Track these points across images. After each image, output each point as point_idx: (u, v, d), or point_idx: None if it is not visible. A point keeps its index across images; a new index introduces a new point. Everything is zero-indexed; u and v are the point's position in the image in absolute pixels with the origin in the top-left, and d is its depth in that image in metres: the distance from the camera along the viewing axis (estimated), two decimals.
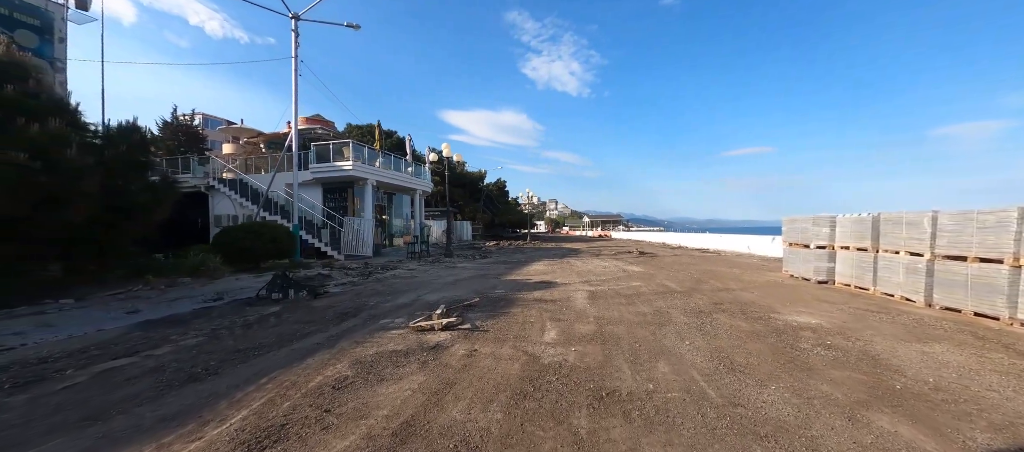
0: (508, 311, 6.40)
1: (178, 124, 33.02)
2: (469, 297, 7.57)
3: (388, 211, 21.18)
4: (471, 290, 8.51)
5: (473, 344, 4.63)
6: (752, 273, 11.32)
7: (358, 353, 4.33)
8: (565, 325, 5.49)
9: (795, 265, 10.24)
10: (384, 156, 18.62)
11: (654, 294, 7.91)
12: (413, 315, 6.10)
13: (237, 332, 5.39)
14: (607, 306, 6.74)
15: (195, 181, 17.23)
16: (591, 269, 12.58)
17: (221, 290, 8.67)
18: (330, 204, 17.17)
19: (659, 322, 5.61)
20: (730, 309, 6.45)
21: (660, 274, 11.19)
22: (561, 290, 8.45)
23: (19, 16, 18.90)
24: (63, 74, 20.41)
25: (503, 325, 5.51)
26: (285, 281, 7.60)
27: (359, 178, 16.07)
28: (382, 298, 7.73)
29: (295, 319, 6.10)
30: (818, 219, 9.47)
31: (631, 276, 10.79)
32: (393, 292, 8.41)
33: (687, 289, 8.51)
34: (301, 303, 7.29)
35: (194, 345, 4.79)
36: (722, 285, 9.07)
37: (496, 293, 8.09)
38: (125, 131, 8.03)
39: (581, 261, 15.56)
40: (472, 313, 6.27)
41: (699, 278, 10.25)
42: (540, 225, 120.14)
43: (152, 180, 8.25)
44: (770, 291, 8.27)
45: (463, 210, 44.17)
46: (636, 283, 9.45)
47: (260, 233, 11.00)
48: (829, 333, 5.07)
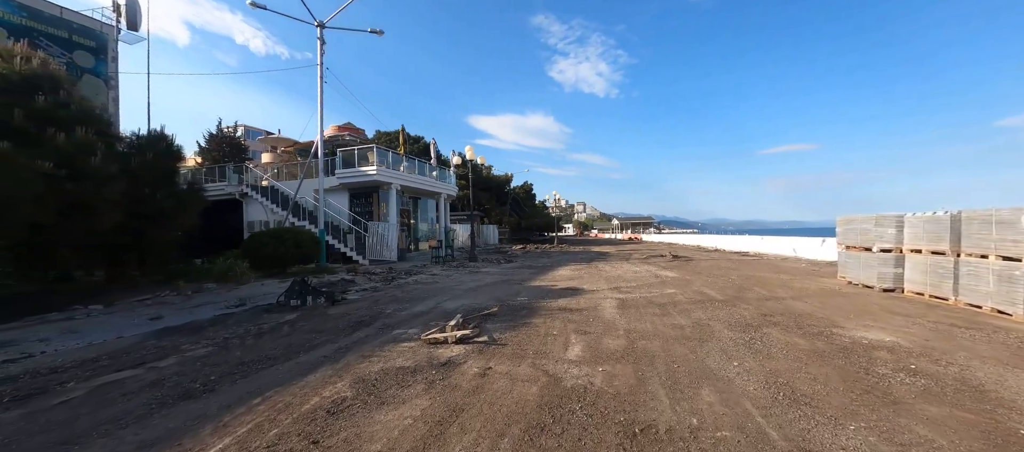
0: (529, 321, 5.92)
1: (222, 136, 34.85)
2: (489, 305, 7.14)
3: (414, 215, 21.20)
4: (492, 297, 8.08)
5: (488, 361, 4.18)
6: (802, 279, 10.27)
7: (363, 369, 3.98)
8: (591, 339, 4.94)
9: (854, 270, 9.16)
10: (408, 160, 18.65)
11: (691, 303, 7.19)
12: (428, 325, 5.73)
13: (248, 342, 5.20)
14: (639, 317, 6.12)
15: (231, 189, 17.89)
16: (621, 274, 11.87)
17: (244, 296, 8.69)
18: (356, 209, 17.31)
19: (700, 337, 4.95)
20: (782, 322, 5.67)
21: (697, 280, 10.35)
22: (588, 298, 7.87)
23: (77, 38, 20.41)
24: (116, 90, 21.87)
25: (523, 338, 5.03)
26: (303, 288, 7.46)
27: (383, 183, 16.09)
28: (400, 305, 7.44)
29: (309, 328, 5.87)
30: (882, 218, 8.39)
31: (664, 282, 10.02)
32: (412, 299, 8.12)
33: (729, 297, 7.71)
34: (318, 310, 7.11)
35: (201, 356, 4.61)
36: (769, 293, 8.19)
37: (518, 301, 7.61)
38: (152, 140, 8.25)
39: (610, 266, 14.82)
40: (490, 323, 5.83)
41: (741, 285, 9.36)
42: (568, 228, 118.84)
43: (177, 187, 8.39)
44: (827, 300, 7.34)
45: (489, 214, 44.04)
46: (670, 290, 8.71)
47: (284, 239, 11.08)
48: (911, 354, 4.25)
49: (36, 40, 18.99)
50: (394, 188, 16.48)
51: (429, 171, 20.04)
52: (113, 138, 7.15)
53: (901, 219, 8.11)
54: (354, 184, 16.43)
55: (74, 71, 20.06)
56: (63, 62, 19.85)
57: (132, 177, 7.02)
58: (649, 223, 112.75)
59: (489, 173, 50.47)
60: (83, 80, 20.34)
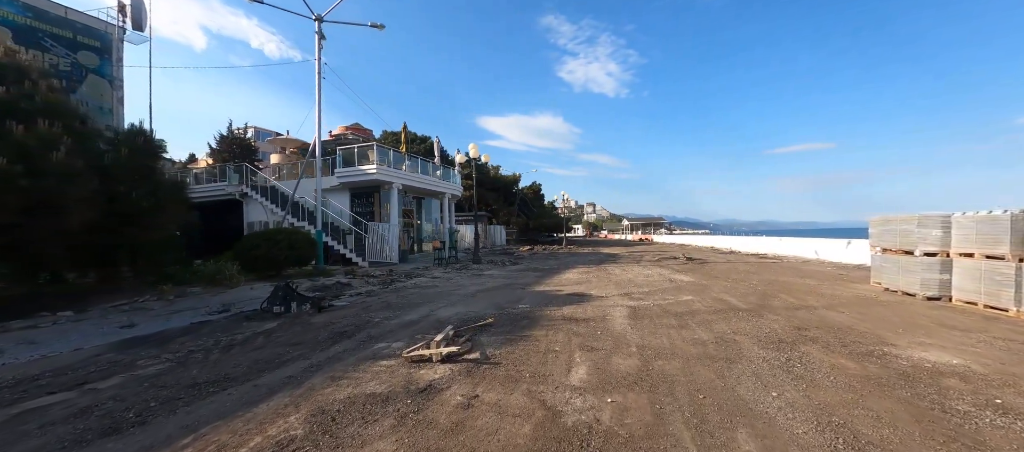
0: (529, 334, 5.26)
1: (233, 137, 34.99)
2: (486, 313, 6.50)
3: (418, 216, 20.69)
4: (491, 304, 7.44)
5: (475, 386, 3.54)
6: (831, 285, 9.41)
7: (326, 397, 3.37)
8: (599, 358, 4.26)
9: (891, 276, 8.30)
10: (411, 159, 18.13)
11: (712, 313, 6.45)
12: (415, 338, 5.11)
13: (212, 357, 4.65)
14: (653, 329, 5.42)
15: (231, 189, 17.60)
16: (632, 278, 11.13)
17: (230, 301, 8.19)
18: (357, 209, 16.85)
19: (727, 357, 4.23)
20: (821, 338, 4.92)
21: (715, 285, 9.57)
22: (596, 305, 7.17)
23: (82, 38, 20.33)
24: (121, 91, 21.76)
25: (520, 355, 4.38)
26: (287, 294, 6.92)
27: (384, 182, 15.59)
28: (391, 313, 6.85)
29: (285, 339, 5.31)
30: (926, 219, 7.53)
31: (680, 287, 9.27)
32: (405, 305, 7.52)
33: (753, 306, 6.94)
34: (302, 318, 6.55)
35: (152, 375, 4.06)
36: (798, 300, 7.39)
37: (519, 308, 6.96)
38: (128, 135, 7.80)
39: (620, 268, 14.07)
40: (485, 336, 5.19)
41: (765, 291, 8.56)
42: (577, 229, 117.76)
43: (156, 185, 7.93)
44: (866, 310, 6.53)
45: (497, 214, 43.44)
46: (687, 297, 7.97)
47: (277, 240, 10.61)
48: (989, 383, 3.49)
49: (41, 40, 18.99)
50: (395, 187, 15.97)
51: (433, 170, 19.50)
52: (86, 133, 6.70)
53: (948, 219, 7.25)
54: (354, 184, 15.95)
55: (79, 71, 20.04)
56: (68, 62, 19.88)
57: (105, 174, 6.58)
58: (660, 224, 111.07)
59: (496, 173, 49.88)
60: (88, 80, 20.34)
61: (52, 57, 19.17)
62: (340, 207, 16.12)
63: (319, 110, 12.99)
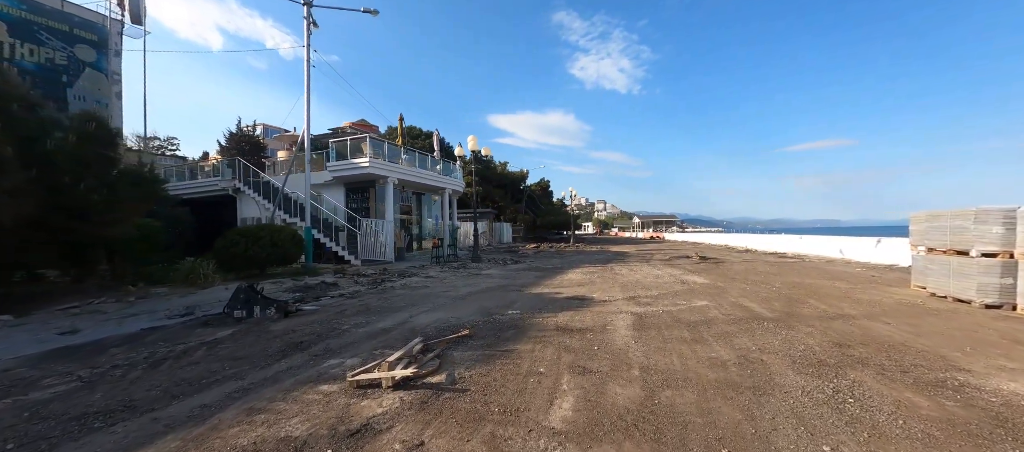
0: (512, 348, 4.42)
1: (242, 134, 34.87)
2: (469, 321, 5.69)
3: (417, 212, 20.00)
4: (479, 309, 6.62)
5: (424, 426, 2.72)
6: (866, 288, 8.36)
7: (225, 442, 2.58)
8: (592, 384, 3.41)
9: (938, 279, 7.24)
10: (407, 153, 17.39)
11: (732, 322, 5.52)
12: (374, 354, 4.33)
13: (132, 375, 3.92)
14: (662, 344, 4.53)
15: (224, 184, 17.12)
16: (639, 279, 10.20)
17: (195, 303, 7.53)
18: (352, 205, 16.21)
19: (755, 385, 3.34)
20: (872, 359, 3.97)
21: (732, 288, 8.60)
22: (596, 312, 6.30)
23: (78, 32, 20.06)
24: (119, 85, 21.50)
25: (493, 379, 3.55)
26: (250, 296, 6.20)
27: (379, 176, 14.88)
28: (364, 318, 6.08)
29: (228, 352, 4.57)
30: (984, 213, 6.46)
31: (693, 291, 8.32)
32: (385, 310, 6.75)
33: (780, 314, 5.99)
34: (263, 324, 5.83)
35: (43, 400, 3.34)
36: (831, 308, 6.40)
37: (508, 315, 6.12)
38: (78, 121, 7.16)
39: (628, 268, 13.13)
40: (460, 350, 4.37)
41: (791, 295, 7.57)
42: (588, 226, 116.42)
43: (111, 177, 7.29)
44: (917, 322, 5.52)
45: (503, 211, 42.65)
46: (701, 302, 7.03)
47: (259, 237, 9.96)
48: None
49: (37, 34, 18.76)
50: (390, 182, 15.25)
51: (432, 165, 18.74)
52: (19, 118, 6.01)
53: (1012, 214, 6.18)
54: (347, 178, 15.28)
55: (76, 65, 19.82)
56: (65, 56, 19.63)
57: (46, 164, 5.96)
58: (672, 222, 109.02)
59: (503, 169, 49.06)
60: (85, 74, 20.10)
61: (48, 51, 18.95)
62: (334, 203, 15.48)
63: (308, 100, 12.31)
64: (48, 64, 18.41)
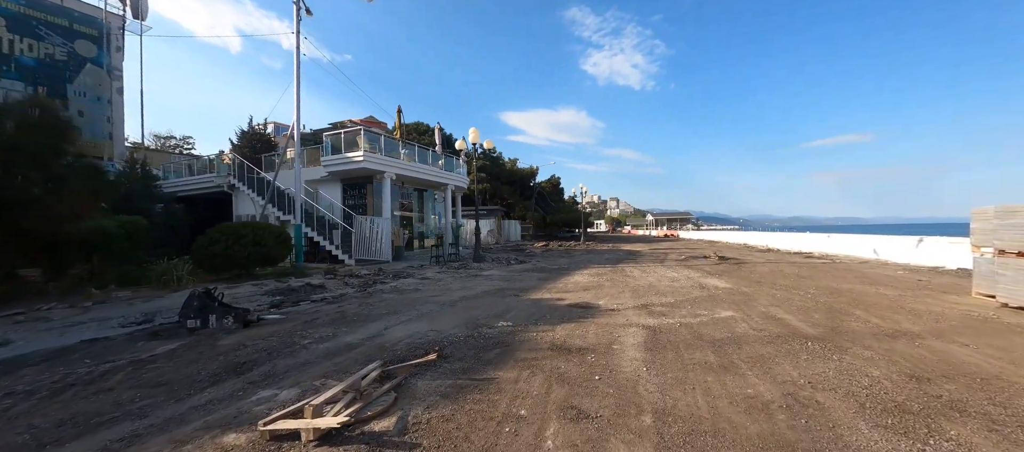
0: (491, 377, 3.54)
1: (254, 133, 34.80)
2: (451, 334, 4.83)
3: (419, 209, 19.25)
4: (466, 319, 5.76)
5: None
6: (919, 296, 7.22)
7: None
8: (586, 439, 2.50)
9: (1012, 287, 6.08)
10: (407, 147, 16.60)
11: (766, 341, 4.53)
12: (322, 381, 3.50)
13: (26, 404, 3.20)
14: (681, 373, 3.59)
15: (219, 181, 16.64)
16: (653, 283, 9.20)
17: (159, 308, 6.85)
18: (349, 202, 15.54)
19: (817, 448, 2.38)
20: (966, 401, 2.97)
21: (760, 294, 7.55)
22: (602, 325, 5.37)
23: (78, 27, 19.80)
24: (120, 81, 21.22)
25: (457, 427, 2.67)
26: (204, 304, 5.45)
27: (375, 171, 14.14)
28: (331, 330, 5.28)
29: (153, 377, 3.80)
30: None
31: (715, 297, 7.30)
32: (360, 320, 5.95)
33: (824, 330, 4.97)
34: (217, 336, 5.08)
35: None
36: (886, 322, 5.34)
37: (497, 328, 5.24)
38: (15, 108, 6.51)
39: (640, 269, 12.11)
40: (425, 379, 3.51)
41: (831, 305, 6.51)
42: (600, 224, 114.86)
43: (55, 170, 6.64)
44: (1002, 343, 4.44)
45: (512, 209, 41.78)
46: (726, 312, 6.03)
47: (241, 235, 9.29)
48: None
49: (36, 29, 18.53)
50: (388, 178, 14.49)
51: (433, 160, 17.94)
52: None
53: None
54: (343, 173, 14.59)
55: (77, 61, 19.62)
56: (64, 51, 19.42)
57: None
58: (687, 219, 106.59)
59: (513, 166, 48.16)
60: (86, 70, 19.86)
61: (47, 46, 18.75)
62: (331, 200, 14.83)
63: (297, 91, 11.62)
64: (48, 60, 18.19)
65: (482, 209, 35.07)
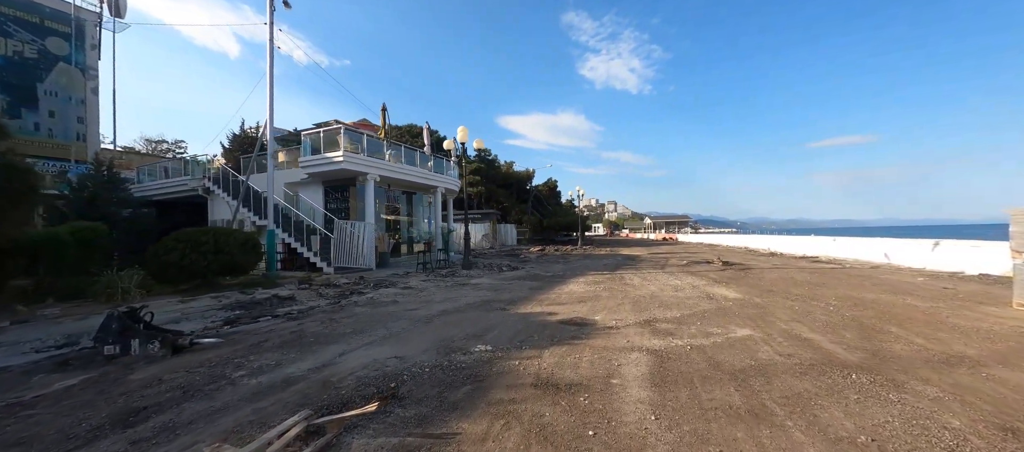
0: (451, 433, 2.70)
1: (245, 136, 33.87)
2: (416, 364, 3.99)
3: (408, 213, 18.39)
4: (438, 342, 4.91)
5: None
6: (953, 307, 6.42)
7: None
8: None
9: None
10: (392, 147, 15.73)
11: (798, 369, 3.71)
12: (231, 438, 2.64)
13: None
14: (700, 422, 2.76)
15: (193, 183, 15.72)
16: (655, 293, 8.38)
17: (90, 329, 5.94)
18: (331, 206, 14.68)
19: None
20: None
21: (776, 306, 6.74)
22: (599, 348, 4.54)
23: (50, 24, 18.89)
24: (95, 81, 20.34)
25: None
26: (124, 326, 4.58)
27: (357, 173, 13.26)
28: (277, 358, 4.43)
29: (17, 431, 2.95)
30: None
31: (726, 311, 6.48)
32: (317, 342, 5.09)
33: (864, 354, 4.15)
34: (136, 365, 4.21)
35: None
36: (932, 343, 4.53)
37: (472, 354, 4.40)
38: None
39: (640, 277, 11.29)
40: (367, 435, 2.66)
41: (860, 320, 5.70)
42: (598, 228, 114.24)
43: None
44: None
45: (509, 212, 40.97)
46: (742, 330, 5.21)
47: (200, 242, 8.42)
48: None
49: (3, 25, 17.67)
50: (371, 179, 13.62)
51: (422, 161, 17.08)
52: None
53: None
54: (323, 174, 13.72)
55: (47, 59, 18.73)
56: (34, 48, 18.53)
57: None
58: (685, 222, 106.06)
59: (509, 169, 47.44)
60: (57, 69, 18.98)
61: (16, 43, 17.87)
62: (312, 204, 13.96)
63: (271, 85, 10.79)
64: (16, 57, 17.25)
65: (477, 213, 34.25)
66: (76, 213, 12.44)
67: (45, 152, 17.20)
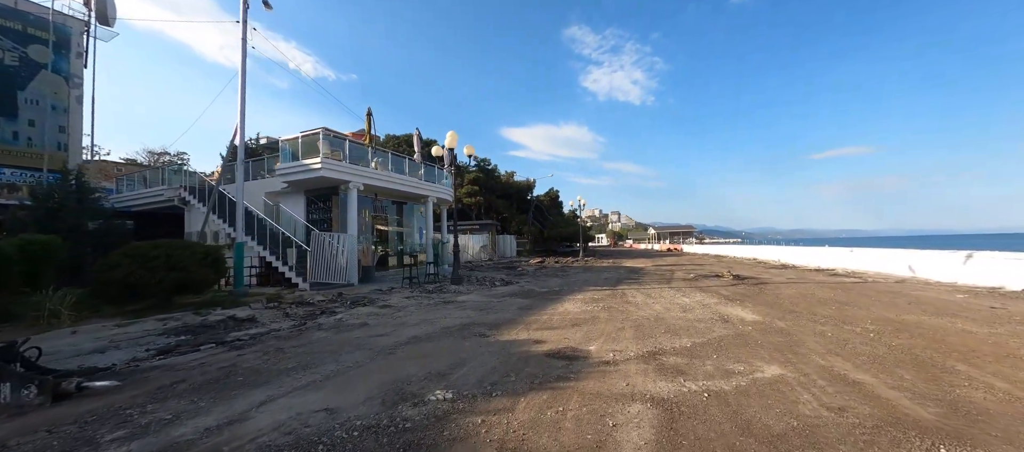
0: None
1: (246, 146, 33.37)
2: (344, 424, 3.01)
3: (399, 224, 17.48)
4: (390, 387, 3.93)
5: None
6: (1019, 332, 5.37)
7: None
8: None
9: None
10: (378, 154, 14.89)
11: (859, 436, 2.70)
12: None
13: None
14: None
15: (169, 194, 14.94)
16: (661, 314, 7.36)
17: None
18: (313, 216, 13.84)
19: None
20: None
21: (803, 333, 5.71)
22: (589, 395, 3.55)
23: (33, 31, 18.31)
24: (79, 89, 19.76)
25: None
26: None
27: (339, 181, 12.39)
28: (174, 409, 3.47)
29: None
30: None
31: (745, 338, 5.47)
32: (241, 384, 4.13)
33: (943, 409, 3.14)
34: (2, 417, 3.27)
35: None
36: (1018, 388, 3.51)
37: (426, 405, 3.41)
38: None
39: (644, 293, 10.26)
40: None
41: (911, 351, 4.67)
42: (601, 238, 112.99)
43: None
44: None
45: (508, 223, 40.05)
46: (769, 368, 4.20)
47: (151, 257, 7.53)
48: None
49: None
50: (354, 188, 12.76)
51: (411, 169, 16.19)
52: None
53: None
54: (305, 183, 12.86)
55: (29, 66, 18.19)
56: (15, 56, 18.02)
57: None
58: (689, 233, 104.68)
59: (510, 178, 46.68)
60: (39, 77, 18.38)
61: None
62: (293, 215, 13.11)
63: (242, 83, 10.01)
64: None
65: (475, 224, 33.33)
66: (38, 225, 11.60)
67: (20, 161, 16.55)
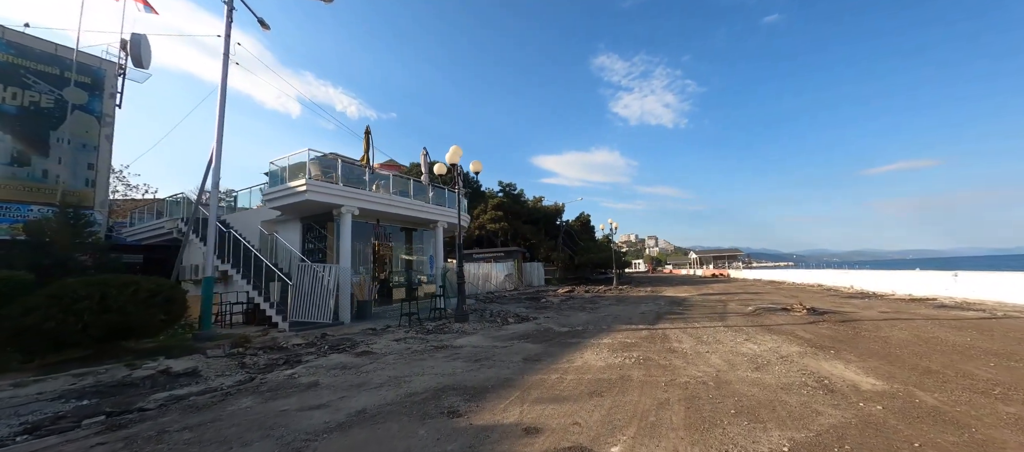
0: None
1: None
2: None
3: (409, 252, 16.05)
4: None
5: None
6: None
7: None
8: None
9: None
10: (380, 177, 13.57)
11: None
12: None
13: None
14: None
15: (169, 226, 14.39)
16: (721, 371, 5.13)
17: None
18: (309, 246, 12.68)
19: None
20: None
21: (981, 418, 3.36)
22: None
23: (69, 74, 19.14)
24: (110, 127, 20.38)
25: None
26: None
27: (330, 205, 11.10)
28: None
29: None
30: None
31: (880, 429, 3.21)
32: None
33: None
34: None
35: None
36: None
37: None
38: None
39: (691, 334, 7.93)
40: None
41: None
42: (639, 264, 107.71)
43: None
44: None
45: (537, 249, 38.01)
46: None
47: (79, 298, 6.28)
48: None
49: (23, 77, 17.99)
50: (348, 212, 11.44)
51: (418, 191, 14.81)
52: None
53: None
54: (298, 208, 11.70)
55: (62, 108, 18.96)
56: (51, 99, 18.82)
57: None
58: (735, 256, 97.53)
59: (537, 204, 44.99)
60: (72, 117, 19.14)
61: (33, 94, 18.22)
62: (288, 244, 11.94)
63: (223, 96, 9.05)
64: (31, 107, 17.48)
65: (500, 251, 31.59)
66: (25, 261, 10.97)
67: (47, 199, 16.87)
